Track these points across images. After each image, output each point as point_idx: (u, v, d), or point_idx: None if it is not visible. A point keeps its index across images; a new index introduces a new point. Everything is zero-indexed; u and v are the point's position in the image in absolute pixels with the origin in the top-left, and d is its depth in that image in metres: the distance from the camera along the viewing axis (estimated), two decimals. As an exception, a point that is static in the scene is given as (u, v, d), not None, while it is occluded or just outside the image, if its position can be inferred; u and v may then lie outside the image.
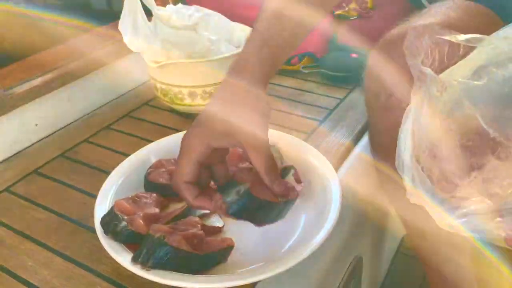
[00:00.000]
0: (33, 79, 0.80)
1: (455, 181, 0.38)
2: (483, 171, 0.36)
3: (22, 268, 0.55)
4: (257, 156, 0.50)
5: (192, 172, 0.50)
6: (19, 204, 0.65)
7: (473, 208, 0.37)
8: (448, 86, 0.38)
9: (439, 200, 0.39)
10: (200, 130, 0.51)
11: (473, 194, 0.37)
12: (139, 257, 0.48)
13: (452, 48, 0.43)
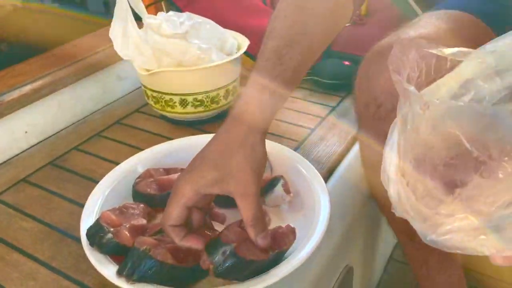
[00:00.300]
0: (22, 86, 0.80)
1: (440, 197, 0.38)
2: (467, 188, 0.36)
3: (8, 279, 0.55)
4: (245, 206, 0.49)
5: (178, 216, 0.50)
6: (6, 213, 0.65)
7: (456, 225, 0.37)
8: (431, 105, 0.38)
9: (422, 216, 0.39)
10: (190, 176, 0.50)
11: (457, 211, 0.37)
12: (124, 270, 0.48)
13: (439, 61, 0.43)
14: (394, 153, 0.42)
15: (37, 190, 0.69)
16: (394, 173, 0.41)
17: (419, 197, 0.39)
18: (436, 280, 0.83)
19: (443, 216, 0.37)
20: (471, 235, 0.36)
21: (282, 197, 0.62)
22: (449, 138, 0.36)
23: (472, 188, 0.35)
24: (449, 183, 0.37)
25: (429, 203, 0.38)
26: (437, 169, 0.38)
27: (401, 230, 0.80)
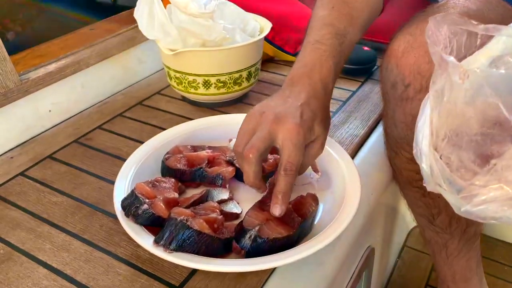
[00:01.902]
0: (47, 65, 0.80)
1: (474, 169, 0.38)
2: (502, 159, 0.36)
3: (40, 250, 0.55)
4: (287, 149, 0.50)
5: (266, 150, 0.52)
6: (35, 188, 0.65)
7: (492, 195, 0.37)
8: (471, 74, 0.38)
9: (457, 188, 0.39)
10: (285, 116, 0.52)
11: (492, 182, 0.37)
12: (161, 239, 0.48)
13: (470, 38, 0.43)
14: (427, 128, 0.42)
15: (64, 166, 0.70)
16: (427, 147, 0.42)
17: (454, 169, 0.39)
18: (454, 264, 0.84)
19: (478, 187, 0.37)
20: (506, 205, 0.37)
21: (310, 175, 0.63)
22: (487, 107, 0.36)
23: (508, 158, 0.36)
24: (485, 154, 0.38)
25: (464, 174, 0.39)
26: (473, 140, 0.38)
27: (421, 213, 0.80)
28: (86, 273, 0.52)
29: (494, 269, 1.08)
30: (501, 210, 0.37)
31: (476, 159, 0.38)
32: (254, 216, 0.53)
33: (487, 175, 0.37)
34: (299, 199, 0.55)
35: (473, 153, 0.39)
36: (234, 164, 0.63)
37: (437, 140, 0.41)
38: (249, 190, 0.63)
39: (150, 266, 0.52)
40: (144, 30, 0.77)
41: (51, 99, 0.80)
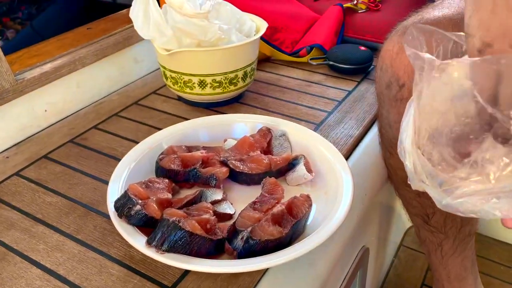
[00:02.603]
0: (43, 65, 0.80)
1: (455, 163, 0.38)
2: (481, 151, 0.36)
3: (34, 250, 0.55)
4: None
5: None
6: (29, 188, 0.66)
7: (471, 189, 0.37)
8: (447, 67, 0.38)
9: (439, 181, 0.40)
10: None
11: (472, 175, 0.37)
12: (153, 240, 0.48)
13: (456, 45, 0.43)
14: (410, 127, 0.42)
15: (59, 166, 0.70)
16: (410, 146, 0.42)
17: (435, 164, 0.39)
18: (449, 264, 0.84)
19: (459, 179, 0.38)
20: (484, 198, 0.37)
21: (304, 176, 0.63)
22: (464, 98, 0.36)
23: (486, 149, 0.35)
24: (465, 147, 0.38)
25: (445, 169, 0.39)
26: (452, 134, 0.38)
27: (416, 213, 0.81)
28: (79, 274, 0.52)
29: (489, 269, 1.08)
30: (480, 203, 0.37)
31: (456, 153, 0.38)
32: (246, 217, 0.53)
33: (468, 168, 0.37)
34: (292, 200, 0.55)
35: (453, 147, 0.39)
36: (228, 165, 0.63)
37: (419, 138, 0.41)
38: (243, 190, 0.63)
39: (143, 267, 0.52)
40: (140, 30, 0.77)
41: (46, 99, 0.80)
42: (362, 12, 1.08)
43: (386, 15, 1.06)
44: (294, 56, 1.01)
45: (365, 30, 1.05)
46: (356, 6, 1.08)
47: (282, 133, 0.70)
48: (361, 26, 1.05)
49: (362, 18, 1.06)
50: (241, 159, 0.64)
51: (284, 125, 0.71)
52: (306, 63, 1.00)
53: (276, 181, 0.60)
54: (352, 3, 1.08)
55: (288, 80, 0.94)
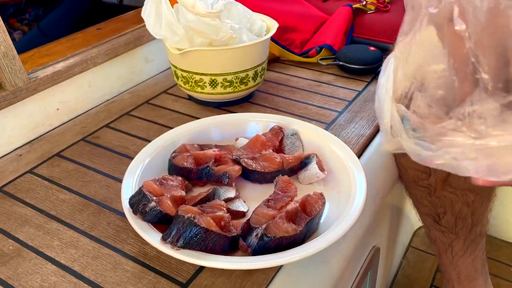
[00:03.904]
0: (55, 64, 0.81)
1: (442, 115, 0.37)
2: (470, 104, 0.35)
3: (48, 247, 0.56)
4: None
5: None
6: (43, 185, 0.66)
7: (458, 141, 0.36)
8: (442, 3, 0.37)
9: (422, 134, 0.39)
10: None
11: (461, 127, 0.36)
12: (169, 236, 0.49)
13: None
14: (390, 83, 0.41)
15: (72, 164, 0.70)
16: (389, 101, 0.41)
17: (422, 117, 0.38)
18: (459, 264, 0.84)
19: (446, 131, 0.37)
20: (461, 157, 0.36)
21: (316, 174, 0.63)
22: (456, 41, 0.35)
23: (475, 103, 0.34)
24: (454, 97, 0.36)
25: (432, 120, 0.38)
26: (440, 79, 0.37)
27: (427, 213, 0.81)
28: (94, 270, 0.52)
29: (499, 270, 1.08)
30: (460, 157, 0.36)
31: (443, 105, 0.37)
32: (261, 215, 0.53)
33: (455, 119, 0.36)
34: (306, 198, 0.55)
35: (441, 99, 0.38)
36: (240, 163, 0.63)
37: (402, 92, 0.40)
38: (255, 189, 0.63)
39: (158, 263, 0.53)
40: (152, 30, 0.77)
41: (58, 98, 0.81)
42: (371, 12, 1.08)
43: (395, 15, 1.06)
44: (303, 57, 1.01)
45: (374, 31, 1.05)
46: (365, 7, 1.08)
47: (293, 132, 0.71)
48: (370, 27, 1.05)
49: (371, 18, 1.07)
50: (253, 158, 0.64)
51: (295, 124, 0.72)
52: (316, 64, 1.00)
53: (289, 179, 0.60)
54: (361, 4, 1.08)
55: (298, 80, 0.95)
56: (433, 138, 0.37)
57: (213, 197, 0.59)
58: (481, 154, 0.35)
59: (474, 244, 0.80)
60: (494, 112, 0.34)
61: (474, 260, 0.83)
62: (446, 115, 0.37)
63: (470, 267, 0.84)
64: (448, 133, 0.36)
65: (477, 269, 0.84)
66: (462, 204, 0.75)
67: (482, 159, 0.35)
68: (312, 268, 0.54)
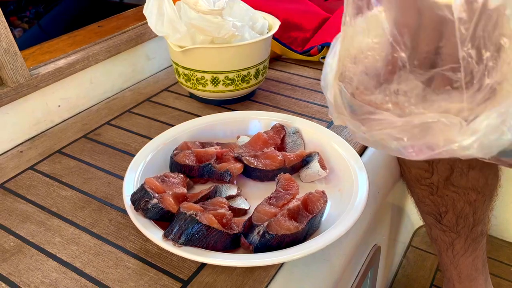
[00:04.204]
0: (56, 61, 0.80)
1: (371, 88, 0.38)
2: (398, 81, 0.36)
3: (50, 243, 0.56)
4: None
5: None
6: (44, 182, 0.66)
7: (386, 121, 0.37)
8: None
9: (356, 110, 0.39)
10: None
11: (387, 103, 0.36)
12: (170, 233, 0.49)
13: None
14: (335, 61, 0.42)
15: (73, 161, 0.70)
16: (333, 78, 0.42)
17: (354, 89, 0.39)
18: (460, 263, 0.84)
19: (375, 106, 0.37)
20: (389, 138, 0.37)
21: (318, 172, 0.63)
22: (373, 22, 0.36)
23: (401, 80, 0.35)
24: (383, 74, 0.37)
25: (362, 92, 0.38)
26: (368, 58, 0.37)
27: (428, 212, 0.81)
28: (95, 266, 0.52)
29: (499, 270, 1.08)
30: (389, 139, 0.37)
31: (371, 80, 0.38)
32: (263, 212, 0.53)
33: (383, 94, 0.37)
34: (308, 196, 0.55)
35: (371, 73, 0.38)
36: (242, 161, 0.63)
37: (343, 68, 0.41)
38: (257, 187, 0.63)
39: (159, 260, 0.53)
40: (153, 27, 0.77)
41: (60, 95, 0.81)
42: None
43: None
44: (305, 55, 1.01)
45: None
46: (367, 6, 1.08)
47: (295, 130, 0.70)
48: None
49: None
50: (255, 155, 0.64)
51: (297, 122, 0.71)
52: (317, 62, 1.00)
53: (291, 177, 0.60)
54: (363, 3, 1.08)
55: (299, 79, 0.94)
56: (363, 118, 0.38)
57: (215, 195, 0.59)
58: (406, 135, 0.35)
59: (475, 243, 0.80)
60: (417, 90, 0.34)
61: (475, 260, 0.83)
62: (375, 88, 0.37)
63: (471, 267, 0.84)
64: (376, 112, 0.37)
65: (478, 269, 0.84)
66: (464, 203, 0.75)
67: (407, 140, 0.35)
68: (314, 266, 0.54)
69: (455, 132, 0.33)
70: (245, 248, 0.51)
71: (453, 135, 0.33)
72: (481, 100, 0.32)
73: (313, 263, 0.54)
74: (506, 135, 0.31)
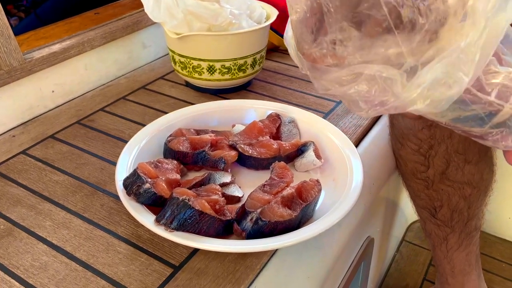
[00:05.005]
0: (51, 45, 0.79)
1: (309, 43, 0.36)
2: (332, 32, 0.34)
3: (40, 227, 0.55)
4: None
5: None
6: (36, 166, 0.65)
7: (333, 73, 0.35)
8: None
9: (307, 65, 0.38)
10: None
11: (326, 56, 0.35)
12: (162, 218, 0.48)
13: None
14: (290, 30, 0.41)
15: (66, 146, 0.70)
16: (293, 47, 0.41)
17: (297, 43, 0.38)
18: (454, 258, 0.84)
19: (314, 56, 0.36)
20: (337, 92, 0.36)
21: (313, 162, 0.62)
22: None
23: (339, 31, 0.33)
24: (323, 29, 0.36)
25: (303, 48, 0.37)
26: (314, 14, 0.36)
27: (423, 206, 0.80)
28: (86, 251, 0.51)
29: (491, 266, 1.08)
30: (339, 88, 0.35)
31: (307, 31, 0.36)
32: (256, 199, 0.53)
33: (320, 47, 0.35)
34: (302, 184, 0.55)
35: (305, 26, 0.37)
36: (237, 149, 0.63)
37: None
38: (251, 175, 0.63)
39: (151, 246, 0.52)
40: (150, 13, 0.76)
41: (54, 80, 0.80)
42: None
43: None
44: (302, 47, 1.00)
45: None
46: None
47: (291, 119, 0.70)
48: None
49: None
50: (250, 144, 0.64)
51: (293, 112, 0.71)
52: (315, 54, 0.99)
53: (285, 165, 0.59)
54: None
55: (296, 70, 0.94)
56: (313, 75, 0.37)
57: (208, 182, 0.58)
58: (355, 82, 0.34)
59: (469, 238, 0.80)
60: (353, 38, 0.32)
61: (468, 255, 0.83)
62: (312, 43, 0.36)
63: (464, 261, 0.84)
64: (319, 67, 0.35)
65: (471, 264, 0.84)
66: (459, 198, 0.75)
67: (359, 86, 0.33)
68: (306, 254, 0.54)
69: (399, 86, 0.30)
70: (237, 234, 0.51)
71: (397, 89, 0.31)
72: (421, 43, 0.29)
73: (305, 251, 0.54)
74: (452, 88, 0.29)
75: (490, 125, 0.30)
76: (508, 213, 1.12)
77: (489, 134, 0.30)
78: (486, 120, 0.30)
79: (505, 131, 0.30)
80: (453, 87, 0.29)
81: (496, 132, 0.30)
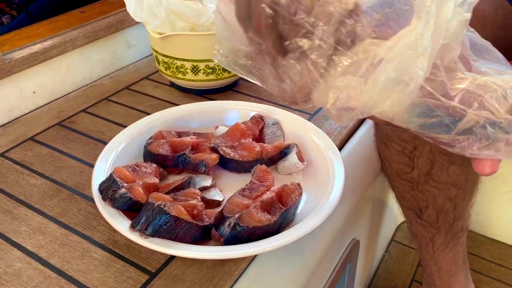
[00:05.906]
0: (31, 45, 0.78)
1: None
2: None
3: (15, 232, 0.54)
4: None
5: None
6: (14, 169, 0.64)
7: None
8: None
9: None
10: None
11: None
12: (137, 224, 0.47)
13: None
14: None
15: (45, 148, 0.68)
16: None
17: None
18: (440, 259, 0.83)
19: None
20: None
21: (295, 165, 0.61)
22: None
23: None
24: None
25: None
26: None
27: (409, 207, 0.80)
28: (60, 257, 0.50)
29: (480, 266, 1.08)
30: None
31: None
32: (235, 204, 0.52)
33: None
34: (283, 188, 0.54)
35: None
36: (218, 151, 0.62)
37: None
38: (233, 178, 0.62)
39: (127, 252, 0.51)
40: (132, 12, 0.75)
41: (35, 81, 0.79)
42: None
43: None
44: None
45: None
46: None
47: (275, 121, 0.69)
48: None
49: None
50: (232, 146, 0.63)
51: (277, 114, 0.70)
52: (302, 53, 0.98)
53: (266, 168, 0.58)
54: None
55: (283, 70, 0.93)
56: None
57: (188, 186, 0.57)
58: None
59: (455, 239, 0.80)
60: None
61: (455, 255, 0.82)
62: None
63: (451, 262, 0.83)
64: None
65: (458, 264, 0.84)
66: (445, 199, 0.75)
67: None
68: (287, 258, 0.53)
69: (358, 91, 0.30)
70: (215, 240, 0.50)
71: (357, 95, 0.30)
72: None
73: (286, 256, 0.53)
74: (409, 85, 0.28)
75: (456, 132, 0.30)
76: (497, 212, 1.11)
77: (456, 141, 0.30)
78: (452, 126, 0.29)
79: (471, 138, 0.29)
80: (410, 83, 0.28)
81: (463, 139, 0.30)
